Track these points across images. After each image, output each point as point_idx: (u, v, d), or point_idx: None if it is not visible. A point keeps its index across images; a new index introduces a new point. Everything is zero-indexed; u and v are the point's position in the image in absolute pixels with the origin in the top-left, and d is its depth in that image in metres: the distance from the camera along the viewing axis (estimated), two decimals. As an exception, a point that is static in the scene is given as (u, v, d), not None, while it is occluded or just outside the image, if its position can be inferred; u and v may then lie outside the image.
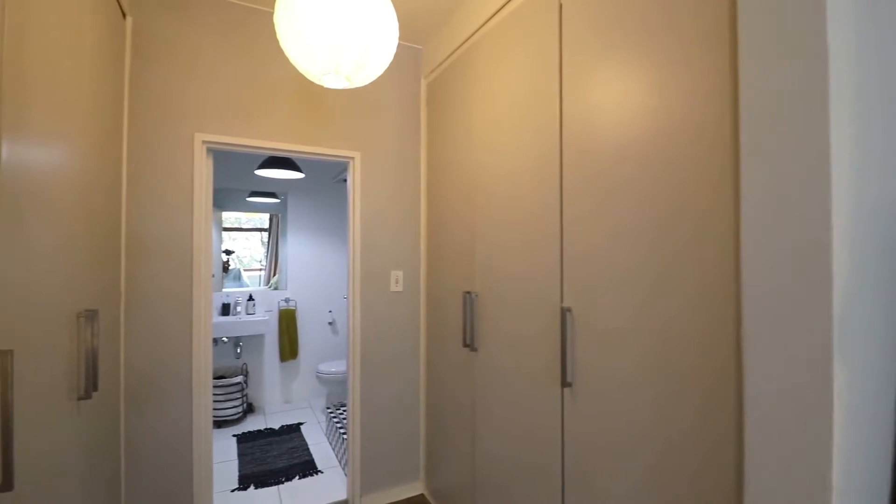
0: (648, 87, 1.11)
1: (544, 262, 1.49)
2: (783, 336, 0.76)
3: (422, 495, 2.52)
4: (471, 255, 1.99)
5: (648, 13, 1.12)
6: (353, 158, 2.39)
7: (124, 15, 1.84)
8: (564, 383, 1.36)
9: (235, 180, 3.84)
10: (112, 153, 1.70)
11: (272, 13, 2.19)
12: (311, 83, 2.27)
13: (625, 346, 1.17)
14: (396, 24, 1.34)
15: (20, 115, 0.91)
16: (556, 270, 1.43)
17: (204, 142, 2.03)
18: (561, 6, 1.43)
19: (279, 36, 1.27)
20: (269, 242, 4.15)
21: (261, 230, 4.15)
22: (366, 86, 2.29)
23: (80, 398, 1.28)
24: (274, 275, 4.12)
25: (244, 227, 4.12)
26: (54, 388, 1.10)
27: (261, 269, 4.18)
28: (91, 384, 1.31)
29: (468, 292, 1.98)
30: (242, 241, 4.13)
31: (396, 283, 2.51)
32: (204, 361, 2.04)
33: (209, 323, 2.07)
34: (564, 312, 1.36)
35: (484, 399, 1.87)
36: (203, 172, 2.04)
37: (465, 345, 1.98)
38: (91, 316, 1.32)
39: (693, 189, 1.00)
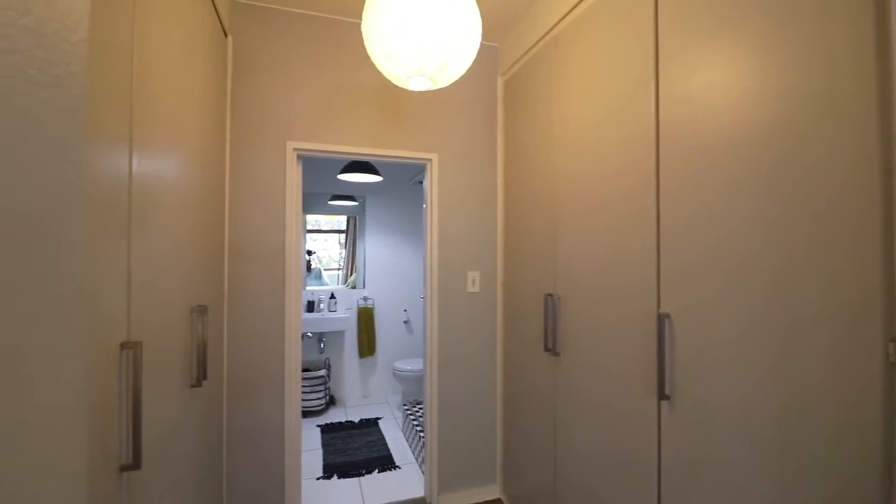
0: (761, 68, 0.98)
1: (638, 266, 1.39)
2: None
3: (499, 500, 2.48)
4: (552, 257, 1.91)
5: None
6: (430, 160, 2.41)
7: (226, 34, 2.01)
8: (662, 395, 1.25)
9: (318, 185, 4.06)
10: (216, 162, 1.85)
11: (354, 23, 2.27)
12: (391, 88, 2.32)
13: (737, 357, 1.05)
14: (479, 22, 1.32)
15: (145, 129, 1.01)
16: (652, 275, 1.32)
17: (295, 149, 2.15)
18: (657, -13, 1.32)
19: (367, 43, 1.30)
20: (346, 243, 4.33)
21: (338, 232, 4.35)
22: (444, 88, 2.30)
23: (192, 386, 1.41)
24: (351, 274, 4.30)
25: (323, 228, 4.34)
26: (173, 376, 1.22)
27: (339, 269, 4.38)
28: (202, 373, 1.43)
29: (550, 294, 1.91)
30: (321, 242, 4.35)
31: (473, 283, 2.49)
32: (294, 355, 2.16)
33: (299, 319, 2.19)
34: (662, 318, 1.26)
35: (566, 407, 1.78)
36: (294, 178, 2.17)
37: (546, 349, 1.91)
38: (202, 311, 1.44)
39: (819, 178, 0.87)
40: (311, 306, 4.04)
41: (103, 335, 0.79)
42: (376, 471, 2.82)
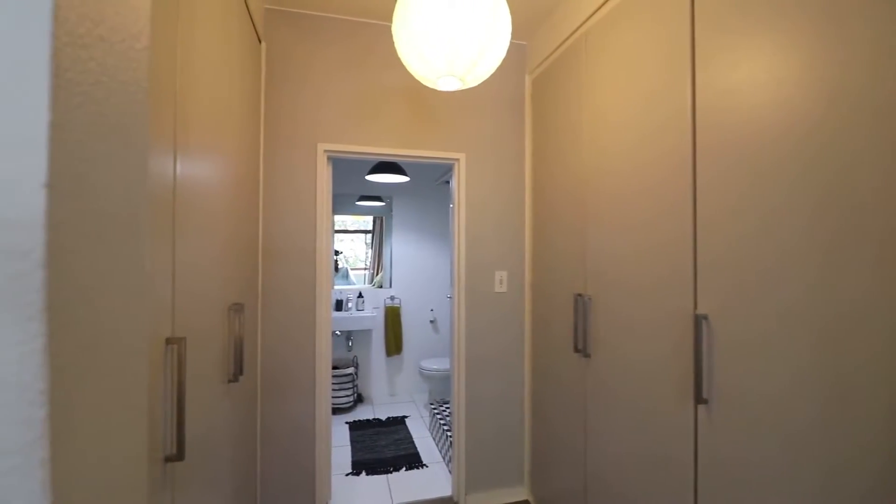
0: (802, 60, 0.94)
1: (672, 265, 1.35)
2: None
3: (526, 501, 2.46)
4: (581, 257, 1.88)
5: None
6: (458, 160, 2.42)
7: (260, 40, 2.06)
8: (699, 399, 1.22)
9: (346, 186, 4.12)
10: (251, 165, 1.91)
11: (381, 25, 2.30)
12: (419, 88, 2.34)
13: (778, 357, 1.01)
14: (509, 21, 1.31)
15: (187, 134, 1.05)
16: (689, 274, 1.28)
17: (325, 150, 2.20)
18: (694, -21, 1.28)
19: (397, 44, 1.31)
20: (372, 243, 4.39)
21: (364, 232, 4.41)
22: (472, 87, 2.30)
23: (229, 381, 1.45)
24: (377, 274, 4.35)
25: (349, 228, 4.40)
26: (212, 371, 1.26)
27: (365, 269, 4.43)
28: (238, 369, 1.48)
29: (580, 294, 1.88)
30: (348, 242, 4.41)
31: (501, 283, 2.48)
32: (325, 353, 2.21)
33: (329, 318, 2.24)
34: (699, 320, 1.22)
35: (597, 409, 1.76)
36: (324, 179, 2.21)
37: (577, 350, 1.88)
38: (239, 308, 1.49)
39: (860, 167, 0.83)
40: (339, 305, 4.11)
41: (152, 330, 0.83)
42: (404, 468, 2.84)
